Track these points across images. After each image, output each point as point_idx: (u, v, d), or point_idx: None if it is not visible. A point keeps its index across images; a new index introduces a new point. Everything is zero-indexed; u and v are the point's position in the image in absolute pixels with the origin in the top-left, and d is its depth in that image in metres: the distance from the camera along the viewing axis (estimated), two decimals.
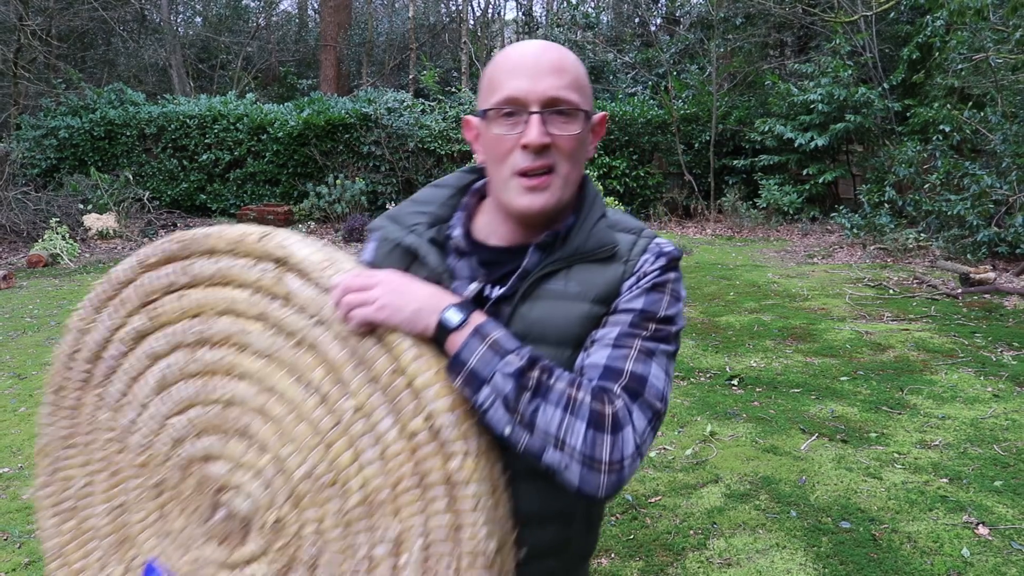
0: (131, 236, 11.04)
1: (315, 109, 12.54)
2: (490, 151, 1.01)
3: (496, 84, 0.99)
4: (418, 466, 0.90)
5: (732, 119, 12.55)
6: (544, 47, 0.99)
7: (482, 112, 1.01)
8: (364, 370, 0.93)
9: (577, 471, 0.87)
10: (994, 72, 8.60)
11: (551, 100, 0.96)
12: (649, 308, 0.98)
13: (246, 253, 1.01)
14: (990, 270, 7.27)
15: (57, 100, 13.16)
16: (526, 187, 0.98)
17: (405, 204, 1.12)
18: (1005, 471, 3.27)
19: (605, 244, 1.02)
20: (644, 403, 0.92)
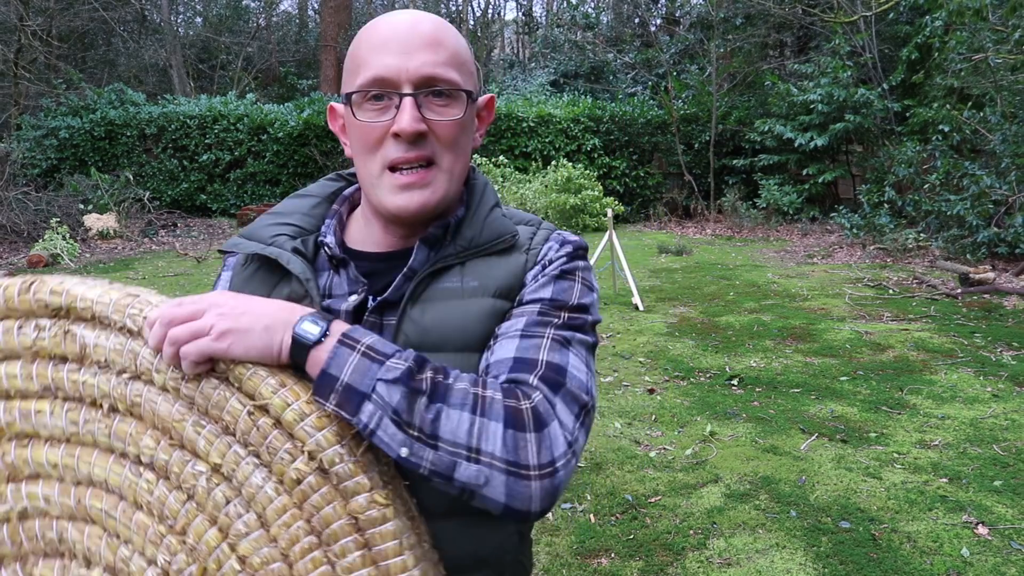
0: (131, 236, 11.05)
1: (315, 109, 12.56)
2: (357, 142, 0.86)
3: (361, 62, 0.83)
4: (313, 519, 0.72)
5: (732, 119, 12.56)
6: (417, 17, 0.84)
7: (345, 97, 0.85)
8: (211, 421, 0.73)
9: (501, 483, 0.71)
10: (993, 72, 8.61)
11: (426, 79, 0.82)
12: (559, 296, 0.86)
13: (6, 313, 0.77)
14: (990, 270, 7.27)
15: (57, 100, 13.17)
16: (400, 184, 0.84)
17: (263, 218, 0.95)
18: (1005, 471, 3.27)
19: (503, 234, 0.90)
20: (567, 394, 0.78)
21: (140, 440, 0.75)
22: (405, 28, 0.83)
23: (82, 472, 0.77)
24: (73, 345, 0.75)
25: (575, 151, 12.63)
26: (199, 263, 9.21)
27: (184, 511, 0.75)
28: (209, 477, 0.74)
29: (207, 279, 8.15)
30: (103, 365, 0.75)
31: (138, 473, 0.76)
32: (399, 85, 0.82)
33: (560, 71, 15.58)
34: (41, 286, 0.76)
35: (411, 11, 0.86)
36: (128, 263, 9.35)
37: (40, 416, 0.77)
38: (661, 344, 5.41)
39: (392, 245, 0.91)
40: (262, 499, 0.73)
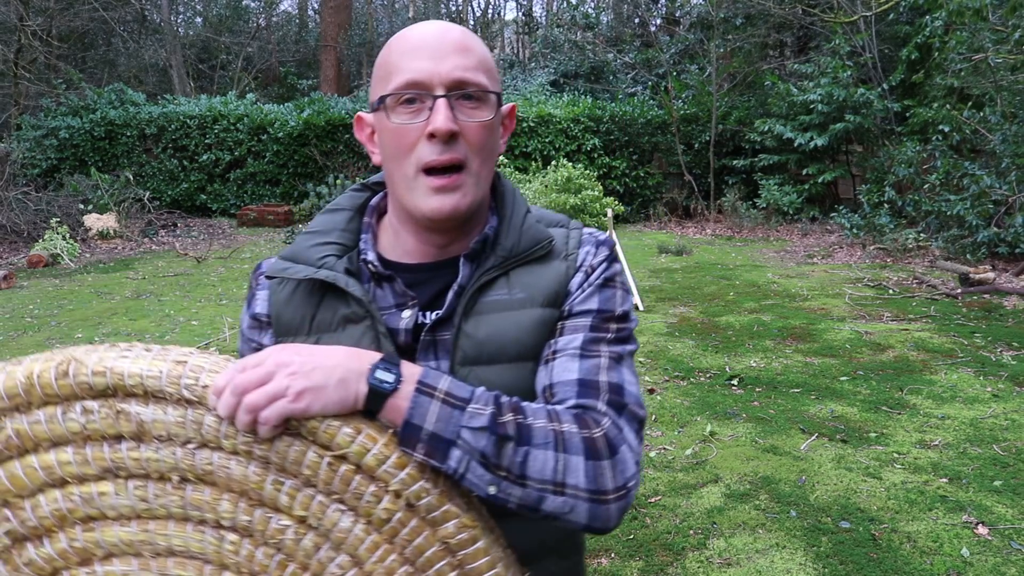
0: (131, 236, 11.06)
1: (315, 109, 12.56)
2: (390, 146, 0.88)
3: (393, 68, 0.86)
4: (406, 550, 0.74)
5: (732, 119, 12.55)
6: (445, 26, 0.87)
7: (378, 101, 0.87)
8: (290, 477, 0.73)
9: (585, 510, 0.77)
10: (993, 72, 8.61)
11: (457, 82, 0.84)
12: (605, 307, 0.91)
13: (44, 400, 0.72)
14: (990, 270, 7.27)
15: (57, 100, 13.17)
16: (434, 187, 0.85)
17: (302, 238, 0.96)
18: (1005, 471, 3.27)
19: (540, 240, 0.93)
20: (629, 413, 0.84)
21: (218, 506, 0.74)
22: (435, 35, 0.86)
23: (160, 545, 0.75)
24: (128, 424, 0.72)
25: (575, 151, 12.63)
26: (199, 263, 9.21)
27: (275, 563, 0.75)
28: (296, 529, 0.74)
29: (207, 279, 8.15)
30: (164, 439, 0.72)
31: (220, 537, 0.75)
32: (432, 87, 0.84)
33: (560, 71, 15.57)
34: (79, 368, 0.71)
35: (438, 21, 0.89)
36: (128, 263, 9.35)
37: (104, 498, 0.74)
38: (661, 344, 5.41)
39: (426, 255, 0.93)
40: (353, 541, 0.74)
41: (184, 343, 5.51)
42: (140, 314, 6.52)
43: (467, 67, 0.85)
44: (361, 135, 0.96)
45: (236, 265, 9.08)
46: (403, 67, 0.85)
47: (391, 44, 0.88)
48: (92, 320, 6.32)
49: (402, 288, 0.91)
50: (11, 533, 0.74)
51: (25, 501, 0.74)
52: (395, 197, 0.91)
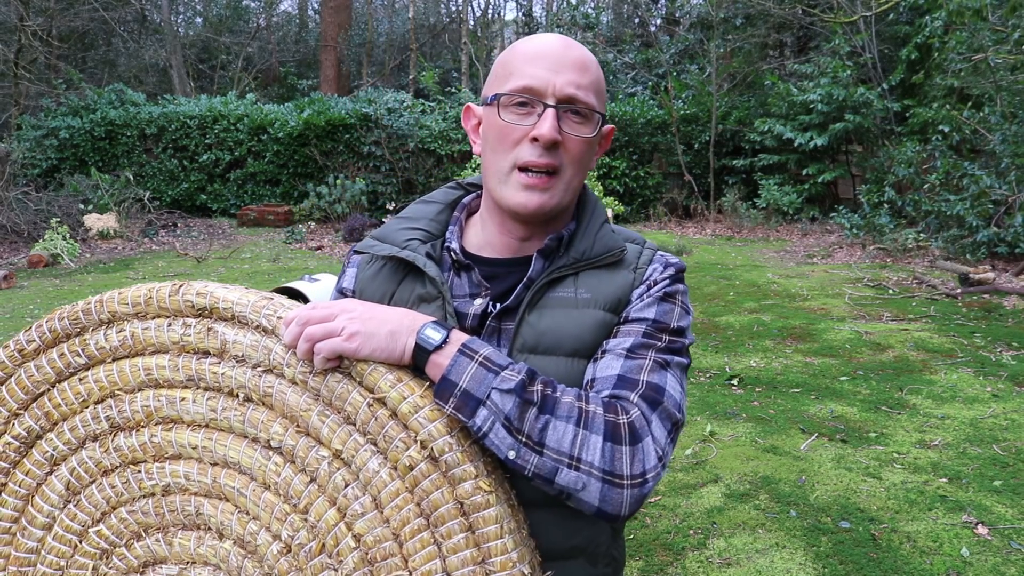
0: (131, 236, 11.06)
1: (315, 109, 12.55)
2: (493, 139, 0.94)
3: (513, 70, 0.92)
4: (423, 503, 0.79)
5: (732, 119, 12.55)
6: (569, 43, 0.93)
7: (492, 97, 0.93)
8: (334, 412, 0.81)
9: (597, 489, 0.79)
10: (993, 72, 8.61)
11: (569, 97, 0.90)
12: (661, 318, 0.94)
13: (158, 312, 0.87)
14: (989, 270, 7.28)
15: (58, 100, 13.17)
16: (525, 184, 0.91)
17: (392, 222, 1.04)
18: (1004, 471, 3.27)
19: (612, 248, 0.98)
20: (663, 412, 0.87)
21: (270, 427, 0.83)
22: (558, 49, 0.92)
23: (218, 454, 0.86)
24: (215, 341, 0.85)
25: None
26: (199, 263, 9.22)
27: (307, 492, 0.83)
28: (331, 461, 0.82)
29: (207, 279, 8.15)
30: (240, 359, 0.84)
31: (268, 456, 0.84)
32: (544, 96, 0.90)
33: None
34: (188, 289, 0.87)
35: (563, 37, 0.94)
36: (128, 263, 9.35)
37: (184, 403, 0.86)
38: None
39: (507, 250, 1.00)
40: (377, 483, 0.81)
41: None
42: None
43: (580, 85, 0.91)
44: (467, 124, 1.03)
45: (236, 265, 9.08)
46: (523, 71, 0.91)
47: (516, 47, 0.94)
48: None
49: (478, 278, 0.97)
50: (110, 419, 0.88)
51: (126, 395, 0.88)
52: (488, 187, 0.98)
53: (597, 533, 0.96)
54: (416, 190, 12.67)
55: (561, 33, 16.33)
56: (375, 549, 0.81)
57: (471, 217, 1.07)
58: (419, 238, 1.00)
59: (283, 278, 7.92)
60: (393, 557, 0.80)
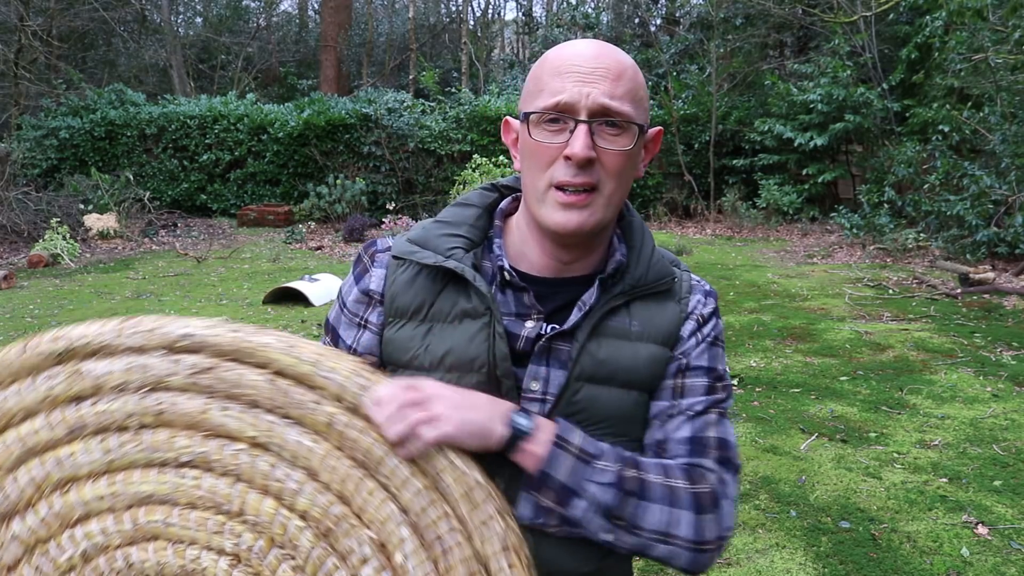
0: (131, 236, 11.06)
1: (315, 109, 12.55)
2: (528, 158, 0.90)
3: (543, 85, 0.87)
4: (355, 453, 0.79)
5: (732, 119, 12.55)
6: (602, 48, 0.88)
7: (523, 115, 0.89)
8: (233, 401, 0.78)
9: (687, 559, 0.85)
10: (993, 72, 8.61)
11: (602, 109, 0.85)
12: (716, 366, 0.96)
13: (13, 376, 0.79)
14: (989, 270, 7.28)
15: (58, 100, 13.17)
16: (563, 202, 0.87)
17: (431, 226, 0.98)
18: (1004, 471, 3.27)
19: (664, 276, 0.97)
20: (731, 466, 0.92)
21: (175, 443, 0.78)
22: (590, 58, 0.86)
23: (130, 493, 0.79)
24: (86, 381, 0.78)
25: None
26: (199, 263, 9.22)
27: (236, 492, 0.78)
28: (249, 451, 0.78)
29: (207, 279, 8.15)
30: (120, 388, 0.78)
31: (182, 475, 0.79)
32: (576, 111, 0.85)
33: None
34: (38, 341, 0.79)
35: (598, 42, 0.89)
36: (128, 263, 9.35)
37: (73, 458, 0.78)
38: None
39: (549, 269, 0.96)
40: (303, 453, 0.77)
41: None
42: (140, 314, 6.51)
43: (615, 95, 0.86)
44: (507, 138, 0.98)
45: (236, 265, 9.08)
46: (552, 87, 0.86)
47: (546, 59, 0.89)
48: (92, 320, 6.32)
49: (532, 300, 0.93)
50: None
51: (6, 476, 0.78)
52: (527, 205, 0.94)
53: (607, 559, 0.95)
54: (416, 190, 12.67)
55: (561, 33, 16.31)
56: (325, 519, 0.77)
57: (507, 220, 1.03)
58: (462, 246, 0.95)
59: (283, 278, 7.93)
60: (346, 519, 0.77)
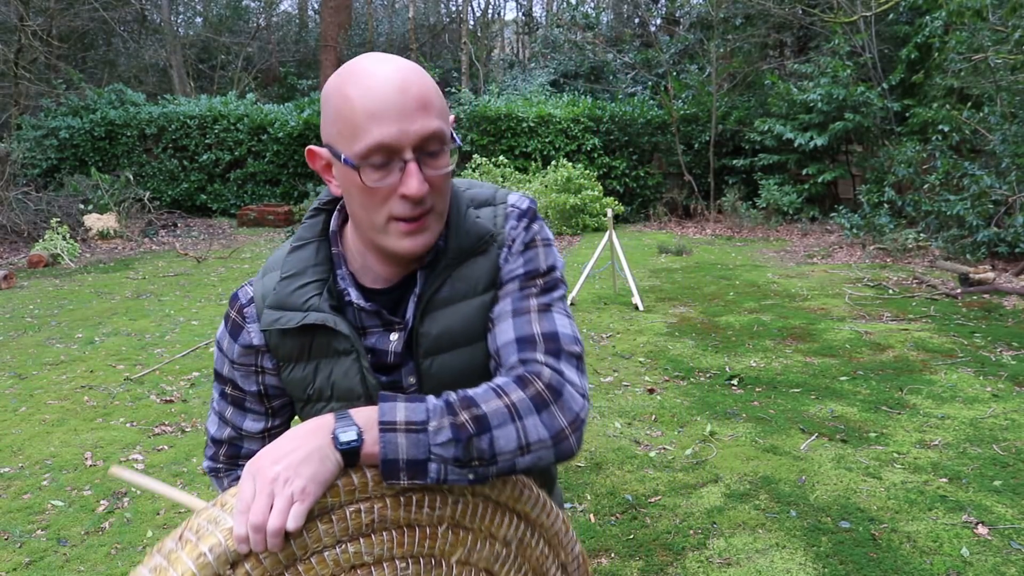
0: (131, 236, 11.05)
1: (315, 109, 12.55)
2: (360, 197, 0.91)
3: (360, 130, 0.87)
4: None
5: (732, 119, 12.55)
6: (403, 79, 0.87)
7: (347, 161, 0.88)
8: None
9: (551, 454, 0.87)
10: (993, 72, 8.61)
11: (423, 141, 0.88)
12: (530, 268, 0.99)
13: None
14: (989, 270, 7.27)
15: (57, 100, 13.17)
16: (405, 231, 0.91)
17: (281, 286, 1.00)
18: (1004, 471, 3.27)
19: (482, 236, 1.00)
20: (566, 355, 0.93)
21: None
22: (396, 92, 0.86)
23: None
24: None
25: (575, 151, 12.63)
26: (199, 263, 9.21)
27: None
28: None
29: (207, 279, 8.15)
30: None
31: None
32: (401, 150, 0.87)
33: (560, 71, 15.57)
34: None
35: (395, 67, 0.88)
36: (128, 263, 9.35)
37: None
38: (661, 344, 5.41)
39: (394, 276, 1.00)
40: None
41: (184, 343, 5.51)
42: (140, 314, 6.52)
43: (429, 122, 0.87)
44: (315, 165, 0.98)
45: (236, 265, 9.08)
46: (371, 130, 0.86)
47: (353, 99, 0.87)
48: (92, 320, 6.32)
49: (388, 316, 0.99)
50: None
51: None
52: (363, 233, 0.96)
53: None
54: None
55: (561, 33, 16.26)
56: None
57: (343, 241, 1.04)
58: (315, 292, 0.97)
59: None
60: None
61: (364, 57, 0.91)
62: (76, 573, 2.62)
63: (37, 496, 3.19)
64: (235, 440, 1.10)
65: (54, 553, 2.75)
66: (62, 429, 3.92)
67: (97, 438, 3.80)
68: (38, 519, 3.00)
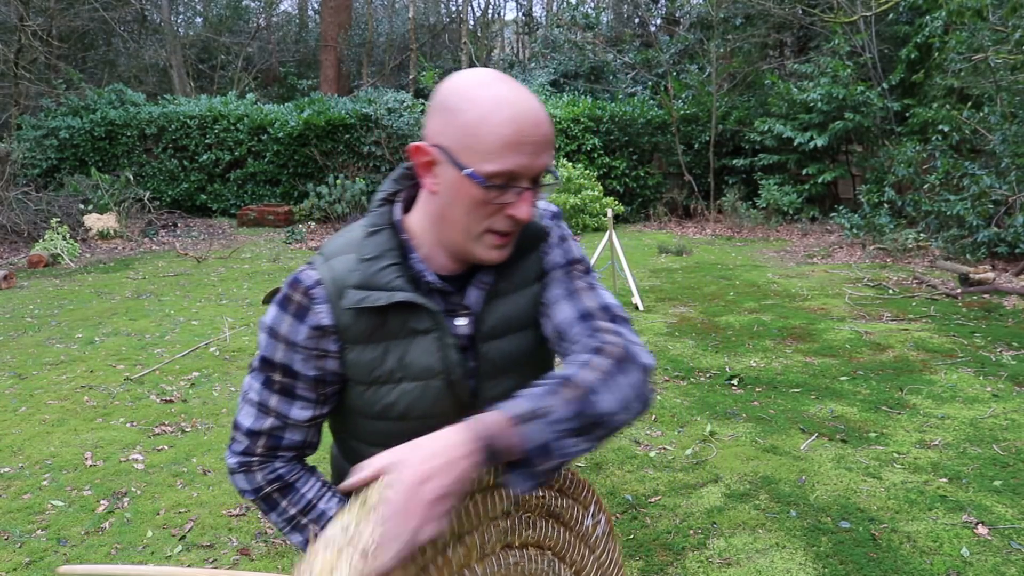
0: (131, 236, 11.05)
1: (315, 109, 12.55)
2: (467, 205, 0.97)
3: (494, 154, 0.94)
4: None
5: (732, 119, 12.55)
6: (538, 112, 0.96)
7: (473, 174, 0.94)
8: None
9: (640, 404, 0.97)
10: (993, 72, 8.61)
11: (541, 174, 0.99)
12: (569, 256, 1.13)
13: None
14: (989, 270, 7.27)
15: (58, 100, 13.17)
16: (496, 244, 1.01)
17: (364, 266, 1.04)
18: (1004, 471, 3.27)
19: (539, 234, 1.12)
20: (620, 319, 1.05)
21: None
22: (534, 127, 0.95)
23: None
24: None
25: (575, 151, 12.63)
26: (199, 263, 9.21)
27: None
28: None
29: (207, 279, 8.15)
30: None
31: None
32: (522, 179, 0.97)
33: (560, 71, 15.57)
34: None
35: (529, 97, 0.96)
36: (128, 263, 9.35)
37: None
38: (661, 344, 5.41)
39: (457, 268, 1.09)
40: None
41: (184, 343, 5.51)
42: (140, 314, 6.52)
43: (549, 158, 0.99)
44: (417, 159, 1.01)
45: (236, 265, 9.08)
46: (507, 158, 0.94)
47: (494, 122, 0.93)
48: (92, 320, 6.32)
49: (458, 300, 1.07)
50: None
51: None
52: (448, 236, 1.03)
53: None
54: None
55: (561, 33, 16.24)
56: None
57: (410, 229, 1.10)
58: (398, 274, 1.03)
59: (283, 278, 7.92)
60: None
61: (496, 77, 0.97)
62: None
63: (37, 496, 3.19)
64: (277, 430, 1.08)
65: (54, 553, 2.75)
66: (62, 429, 3.92)
67: (97, 438, 3.80)
68: (38, 519, 3.00)
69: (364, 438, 1.11)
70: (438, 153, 0.98)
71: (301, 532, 1.09)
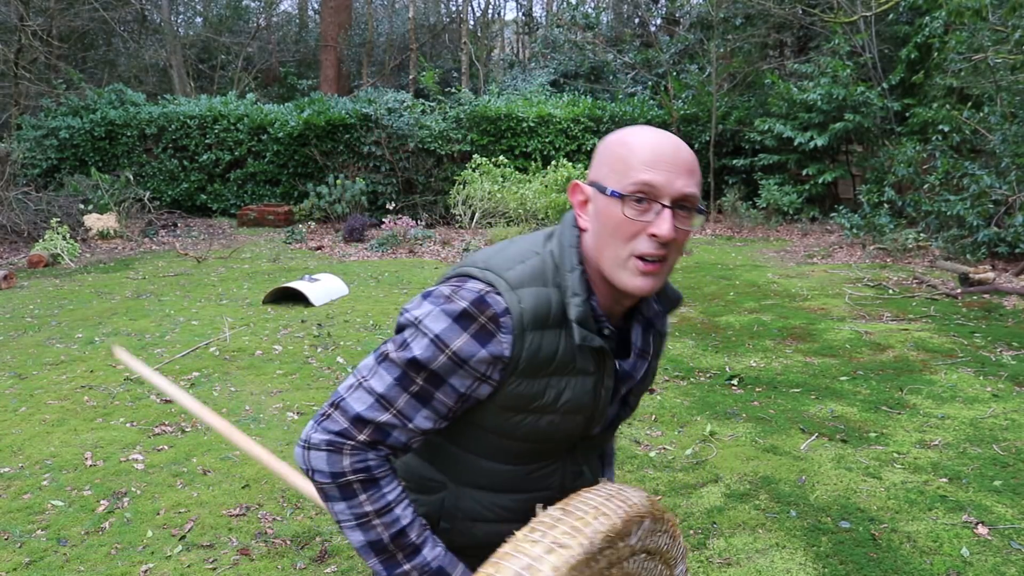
0: (131, 236, 11.05)
1: (315, 109, 12.55)
2: (612, 228, 1.04)
3: (632, 170, 1.02)
4: None
5: (732, 119, 12.55)
6: (678, 144, 1.04)
7: (614, 192, 1.03)
8: None
9: None
10: (993, 72, 8.61)
11: (682, 197, 1.02)
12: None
13: None
14: (989, 270, 7.27)
15: (58, 100, 13.17)
16: (643, 271, 1.03)
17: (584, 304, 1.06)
18: (1004, 471, 3.27)
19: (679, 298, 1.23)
20: None
21: None
22: (672, 151, 1.03)
23: None
24: None
25: (575, 151, 12.63)
26: (199, 263, 9.21)
27: None
28: None
29: (207, 279, 8.15)
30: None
31: None
32: (661, 197, 1.02)
33: (560, 71, 15.56)
34: None
35: (670, 135, 1.05)
36: (128, 263, 9.35)
37: None
38: None
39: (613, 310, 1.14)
40: None
41: (184, 343, 5.51)
42: (140, 314, 6.51)
43: (690, 185, 1.03)
44: (574, 198, 1.11)
45: (236, 265, 9.08)
46: (643, 172, 1.01)
47: (633, 146, 1.04)
48: (92, 320, 6.32)
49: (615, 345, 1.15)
50: None
51: None
52: (601, 267, 1.07)
53: None
54: (416, 190, 12.67)
55: (561, 33, 16.24)
56: None
57: None
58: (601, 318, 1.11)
59: (283, 278, 7.92)
60: None
61: (649, 127, 1.08)
62: (76, 573, 2.62)
63: (37, 496, 3.19)
64: (390, 427, 1.04)
65: (54, 553, 2.75)
66: (62, 429, 3.92)
67: (97, 438, 3.80)
68: (38, 519, 3.00)
69: (479, 451, 1.14)
70: (590, 189, 1.08)
71: (364, 532, 1.04)
